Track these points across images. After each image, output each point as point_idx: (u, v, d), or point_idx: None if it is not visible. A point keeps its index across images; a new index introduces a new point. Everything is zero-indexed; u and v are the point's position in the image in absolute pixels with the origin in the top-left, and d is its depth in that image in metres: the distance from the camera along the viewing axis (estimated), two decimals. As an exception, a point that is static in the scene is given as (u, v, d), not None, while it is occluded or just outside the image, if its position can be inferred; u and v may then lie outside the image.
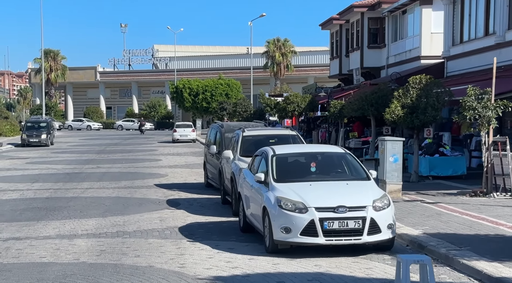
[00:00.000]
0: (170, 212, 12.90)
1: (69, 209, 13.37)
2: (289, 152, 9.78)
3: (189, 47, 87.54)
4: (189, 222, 11.56)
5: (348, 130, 23.91)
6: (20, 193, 16.33)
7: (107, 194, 16.06)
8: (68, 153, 32.48)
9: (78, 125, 69.95)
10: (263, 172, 9.25)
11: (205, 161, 17.84)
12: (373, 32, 32.83)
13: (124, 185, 17.91)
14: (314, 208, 8.16)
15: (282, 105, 28.74)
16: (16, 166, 25.15)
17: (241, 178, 10.59)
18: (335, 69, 38.39)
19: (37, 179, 19.89)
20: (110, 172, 22.25)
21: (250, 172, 10.21)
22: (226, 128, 16.47)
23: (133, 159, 28.40)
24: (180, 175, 20.87)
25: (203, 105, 65.95)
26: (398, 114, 15.54)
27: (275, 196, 8.53)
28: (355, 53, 33.94)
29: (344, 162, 9.44)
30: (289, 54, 68.06)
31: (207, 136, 18.20)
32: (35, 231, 10.86)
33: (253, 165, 10.28)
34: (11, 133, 48.92)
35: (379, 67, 32.16)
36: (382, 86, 18.85)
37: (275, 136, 13.10)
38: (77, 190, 16.91)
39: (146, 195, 15.66)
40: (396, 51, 30.47)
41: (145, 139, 46.56)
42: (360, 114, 19.32)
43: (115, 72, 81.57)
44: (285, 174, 9.08)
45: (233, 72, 74.03)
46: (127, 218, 12.18)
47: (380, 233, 8.21)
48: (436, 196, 13.49)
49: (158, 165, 25.16)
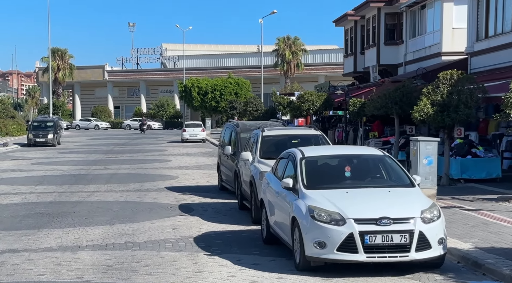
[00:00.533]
0: (183, 219, 11.83)
1: (74, 215, 12.33)
2: (320, 154, 8.65)
3: (198, 46, 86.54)
4: (205, 231, 10.48)
5: (367, 129, 22.76)
6: (22, 196, 15.32)
7: (115, 197, 15.03)
8: (75, 153, 31.53)
9: (86, 124, 69.12)
10: (291, 177, 8.15)
11: (218, 162, 16.77)
12: (390, 28, 31.63)
13: (132, 188, 16.88)
14: (353, 219, 7.06)
15: (297, 104, 27.63)
16: (21, 166, 24.19)
17: (264, 183, 9.50)
18: (349, 67, 37.19)
19: (42, 181, 18.90)
20: (118, 173, 21.25)
21: (274, 176, 9.11)
22: (241, 128, 15.40)
23: (142, 159, 27.39)
24: (191, 177, 19.82)
25: (212, 104, 64.96)
26: (427, 113, 14.40)
27: (306, 205, 7.43)
28: (371, 50, 32.75)
29: (383, 166, 8.32)
30: (299, 52, 66.91)
31: (221, 137, 17.13)
32: (35, 242, 9.82)
33: (277, 169, 9.18)
34: (18, 133, 48.10)
35: (396, 64, 30.96)
36: (406, 83, 17.70)
37: (297, 136, 11.99)
38: (83, 193, 15.89)
39: (157, 199, 14.61)
40: (414, 48, 29.25)
41: (154, 139, 45.59)
42: (383, 113, 18.19)
43: (123, 71, 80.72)
44: (316, 179, 7.97)
45: (243, 71, 72.97)
46: (137, 226, 11.13)
47: (430, 249, 7.09)
48: (475, 201, 12.33)
49: (168, 166, 24.13)
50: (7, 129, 47.49)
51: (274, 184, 8.86)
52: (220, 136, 17.41)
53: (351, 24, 36.37)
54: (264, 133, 11.93)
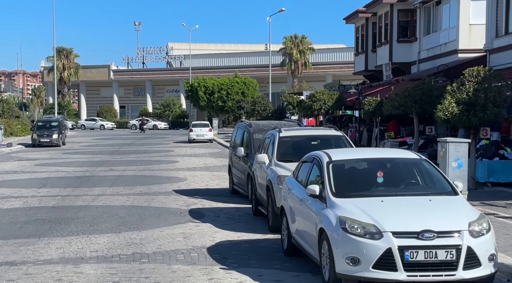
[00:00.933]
0: (194, 226, 11.02)
1: (77, 222, 11.54)
2: (348, 157, 7.79)
3: (204, 45, 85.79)
4: (219, 240, 9.66)
5: (382, 130, 21.91)
6: (24, 200, 14.54)
7: (121, 201, 14.24)
8: (80, 154, 30.79)
9: (91, 124, 68.49)
10: (317, 183, 7.31)
11: (230, 164, 15.95)
12: (403, 25, 30.74)
13: (139, 191, 16.09)
14: (391, 232, 6.22)
15: (308, 103, 26.80)
16: (24, 168, 23.45)
17: (284, 189, 8.67)
18: (360, 66, 36.33)
19: (45, 183, 18.13)
20: (124, 175, 20.47)
21: (296, 181, 8.28)
22: (254, 128, 14.58)
23: (148, 160, 26.61)
24: (200, 179, 19.02)
25: (219, 104, 64.21)
26: (452, 112, 13.54)
27: (336, 215, 6.59)
28: (383, 48, 31.88)
29: (419, 171, 7.47)
30: (307, 51, 66.02)
31: (232, 137, 16.31)
32: (35, 253, 9.02)
33: (299, 173, 8.35)
34: (22, 133, 47.46)
35: (409, 62, 30.08)
36: (426, 81, 16.84)
37: (317, 137, 11.14)
38: (87, 197, 15.11)
39: (165, 204, 13.81)
40: (429, 45, 28.34)
41: (160, 139, 44.84)
42: (401, 112, 17.34)
43: (129, 71, 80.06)
44: (346, 186, 7.13)
45: (249, 70, 72.20)
46: (145, 234, 10.32)
47: (480, 267, 6.23)
48: (508, 208, 11.47)
49: (176, 167, 23.33)
50: (12, 129, 46.85)
51: (297, 190, 8.03)
52: (231, 137, 16.60)
53: (362, 22, 35.51)
54: (281, 134, 11.09)
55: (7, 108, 51.33)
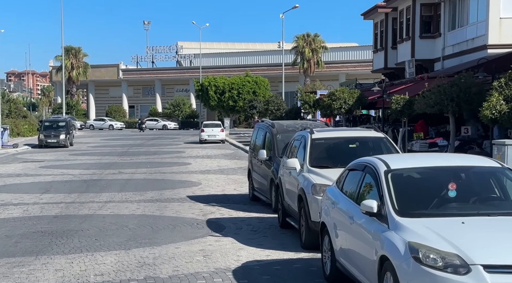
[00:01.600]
0: (214, 240, 9.62)
1: (82, 235, 10.18)
2: (411, 165, 6.29)
3: (214, 44, 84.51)
4: (245, 261, 8.26)
5: (409, 130, 20.41)
6: (24, 208, 13.22)
7: (130, 210, 12.88)
8: (87, 155, 29.54)
9: (100, 124, 67.39)
10: (373, 198, 5.89)
11: (250, 168, 14.56)
12: (425, 20, 29.18)
13: (151, 197, 14.73)
14: (482, 265, 4.79)
15: (327, 102, 25.36)
16: (28, 170, 22.19)
17: (326, 202, 7.26)
18: (379, 63, 34.80)
19: (48, 188, 16.83)
20: (133, 178, 19.15)
21: (341, 193, 6.86)
22: (278, 129, 13.18)
23: (159, 162, 25.30)
24: (215, 183, 17.65)
25: (230, 103, 62.94)
26: (501, 110, 12.07)
27: (404, 240, 5.17)
28: (405, 44, 30.35)
29: (499, 182, 6.03)
30: (319, 50, 64.56)
31: (252, 139, 14.91)
32: (29, 276, 7.65)
33: (344, 183, 6.93)
34: (30, 133, 46.35)
35: (432, 59, 28.54)
36: (465, 77, 15.35)
37: (355, 139, 9.71)
38: (94, 204, 13.77)
39: (180, 213, 12.44)
40: (454, 41, 26.78)
41: (170, 139, 43.56)
42: (436, 111, 15.86)
43: (138, 70, 78.90)
44: (411, 202, 5.70)
45: (260, 70, 70.84)
46: (158, 251, 8.94)
47: None
48: None
49: (188, 169, 21.99)
50: (19, 130, 45.77)
51: (344, 204, 6.60)
52: (251, 138, 15.20)
53: (381, 17, 33.99)
54: (314, 136, 9.65)
55: (14, 108, 50.23)
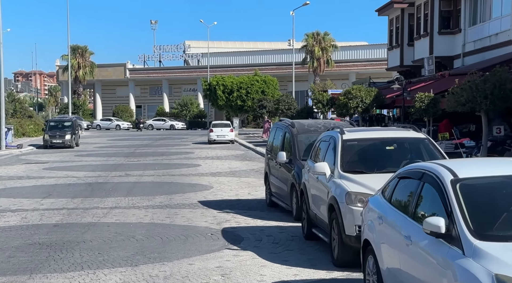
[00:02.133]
0: (232, 255, 8.52)
1: (83, 247, 9.10)
2: (483, 174, 5.04)
3: (222, 43, 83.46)
4: (270, 282, 7.15)
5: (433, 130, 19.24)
6: (22, 215, 12.17)
7: (138, 217, 11.82)
8: (93, 156, 28.53)
9: (107, 124, 66.49)
10: (439, 215, 4.75)
11: (266, 171, 13.46)
12: (444, 15, 27.98)
13: (159, 203, 13.66)
14: None
15: (343, 101, 24.23)
16: (31, 172, 21.19)
17: (369, 215, 6.13)
18: (394, 61, 33.62)
19: (51, 192, 15.79)
20: (141, 181, 18.10)
21: (389, 204, 5.73)
22: (298, 129, 12.08)
23: (167, 163, 24.25)
24: (228, 187, 16.57)
25: (238, 103, 61.86)
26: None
27: (490, 272, 4.01)
28: (422, 41, 29.15)
29: None
30: (329, 48, 63.35)
31: (269, 139, 13.79)
32: (21, 301, 6.61)
33: (394, 193, 5.80)
34: (35, 133, 45.47)
35: (451, 56, 27.32)
36: (499, 72, 14.19)
37: (392, 140, 8.56)
38: (98, 210, 12.71)
39: (192, 220, 11.35)
40: (475, 37, 25.57)
41: (178, 140, 42.54)
42: (468, 110, 14.70)
43: (145, 69, 77.95)
44: (490, 221, 4.55)
45: (269, 69, 69.74)
46: (170, 268, 7.85)
47: None
48: None
49: (198, 171, 20.92)
50: (24, 130, 44.90)
51: (395, 219, 5.47)
52: (268, 139, 14.09)
53: (397, 13, 32.82)
54: (346, 137, 8.51)
55: (20, 107, 49.34)
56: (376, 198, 6.19)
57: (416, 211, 5.17)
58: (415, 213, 5.17)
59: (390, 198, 5.80)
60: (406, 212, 5.34)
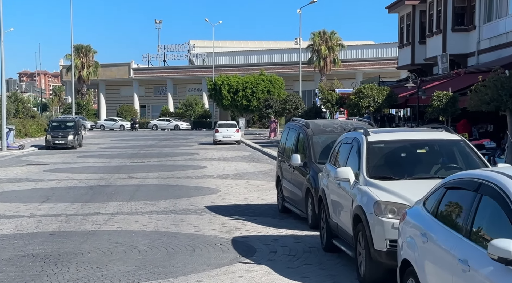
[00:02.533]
0: (245, 270, 7.68)
1: (80, 260, 8.27)
2: None
3: (227, 43, 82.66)
4: (291, 303, 6.32)
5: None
6: (17, 222, 11.35)
7: (141, 224, 10.99)
8: (96, 157, 27.76)
9: (111, 125, 65.78)
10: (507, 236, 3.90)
11: (278, 175, 12.61)
12: (458, 12, 27.07)
13: (164, 208, 12.84)
14: None
15: (354, 100, 23.37)
16: (31, 174, 20.41)
17: (409, 230, 5.28)
18: (405, 59, 32.70)
19: (50, 196, 15.00)
20: (144, 184, 17.29)
21: (437, 220, 4.87)
22: (313, 129, 11.23)
23: (172, 165, 23.45)
24: (236, 190, 15.73)
25: (243, 103, 61.07)
26: None
27: None
28: (435, 38, 28.24)
29: None
30: (336, 47, 62.49)
31: (282, 140, 12.94)
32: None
33: (439, 207, 4.94)
34: (38, 133, 44.74)
35: (465, 54, 26.40)
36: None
37: (423, 143, 7.68)
38: (99, 216, 11.89)
39: (199, 229, 10.52)
40: (490, 34, 24.66)
41: (183, 140, 41.75)
42: (493, 109, 13.81)
43: (150, 69, 77.19)
44: None
45: (275, 68, 68.91)
46: (176, 285, 7.02)
47: None
48: None
49: (204, 174, 20.09)
50: (26, 130, 44.17)
51: (445, 238, 4.60)
52: (280, 140, 13.25)
53: (408, 10, 31.92)
54: (371, 138, 7.65)
55: (22, 107, 48.61)
56: (416, 210, 5.33)
57: (473, 229, 4.31)
58: (472, 231, 4.31)
59: (436, 211, 4.93)
60: (458, 230, 4.48)
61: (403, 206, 6.44)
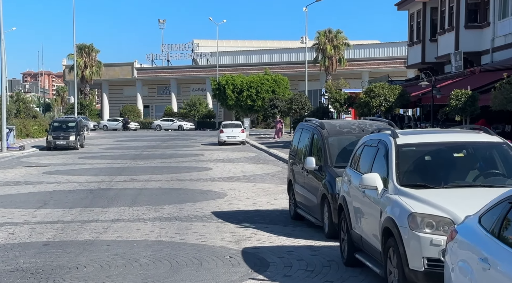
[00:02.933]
0: (259, 288, 6.86)
1: (75, 276, 7.45)
2: None
3: (231, 42, 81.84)
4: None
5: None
6: (10, 230, 10.53)
7: (143, 233, 10.18)
8: (98, 159, 26.98)
9: (114, 125, 65.04)
10: None
11: (290, 179, 11.77)
12: (471, 8, 26.21)
13: (168, 214, 12.02)
14: None
15: (364, 100, 22.54)
16: (29, 177, 19.63)
17: (462, 254, 4.44)
18: (415, 57, 31.85)
19: (47, 200, 14.19)
20: (147, 187, 16.50)
21: (500, 243, 4.03)
22: (329, 130, 10.39)
23: (176, 167, 22.64)
24: (243, 194, 14.91)
25: (248, 103, 60.30)
26: None
27: None
28: (447, 36, 27.38)
29: None
30: (341, 46, 61.69)
31: (294, 142, 12.11)
32: None
33: (503, 225, 4.10)
34: (39, 134, 44.01)
35: (479, 51, 25.55)
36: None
37: (461, 145, 6.84)
38: (98, 223, 11.08)
39: (205, 238, 9.69)
40: (505, 31, 23.81)
41: (187, 141, 40.96)
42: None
43: (153, 69, 76.45)
44: None
45: (279, 68, 68.09)
46: (181, 308, 6.20)
47: None
48: None
49: (209, 176, 19.28)
50: (28, 131, 43.43)
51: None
52: (292, 141, 12.41)
53: (418, 7, 31.07)
54: (400, 141, 6.81)
55: (24, 107, 47.88)
56: (469, 229, 4.48)
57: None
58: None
59: (499, 232, 4.08)
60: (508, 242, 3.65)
61: (443, 219, 5.60)
